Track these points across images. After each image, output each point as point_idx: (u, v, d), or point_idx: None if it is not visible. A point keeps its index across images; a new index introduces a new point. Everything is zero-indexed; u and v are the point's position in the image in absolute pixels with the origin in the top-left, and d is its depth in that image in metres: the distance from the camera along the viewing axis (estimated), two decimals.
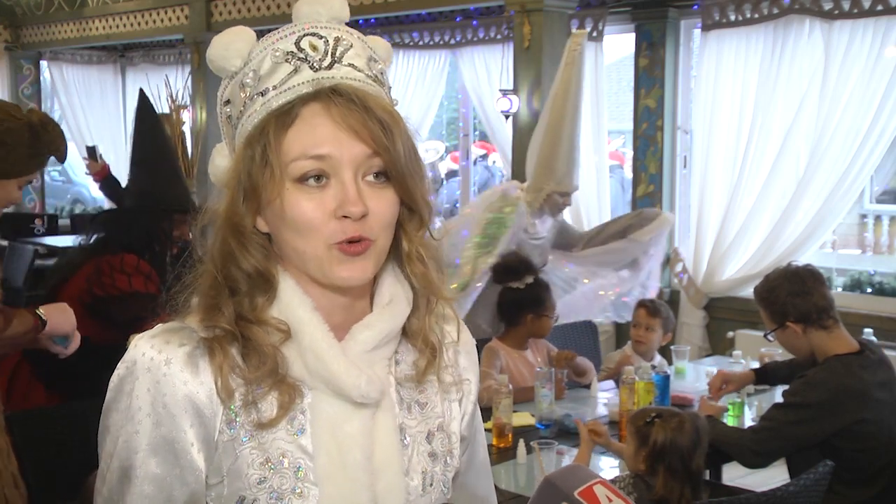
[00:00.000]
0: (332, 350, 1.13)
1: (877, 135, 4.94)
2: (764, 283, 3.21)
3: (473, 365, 1.32)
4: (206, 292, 1.15)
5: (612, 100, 9.16)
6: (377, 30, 7.19)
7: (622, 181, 8.63)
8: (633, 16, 5.99)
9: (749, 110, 5.38)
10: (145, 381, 1.11)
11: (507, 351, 3.85)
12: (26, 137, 2.53)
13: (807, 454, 2.98)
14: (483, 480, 1.38)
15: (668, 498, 2.56)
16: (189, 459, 1.12)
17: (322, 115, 1.10)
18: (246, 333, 1.13)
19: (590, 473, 1.22)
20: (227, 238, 1.14)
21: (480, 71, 6.74)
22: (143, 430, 1.11)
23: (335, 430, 1.14)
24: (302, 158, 1.10)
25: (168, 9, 8.28)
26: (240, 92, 1.15)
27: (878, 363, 3.09)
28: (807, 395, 3.01)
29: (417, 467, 1.20)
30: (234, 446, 1.12)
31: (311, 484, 1.13)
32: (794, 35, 5.17)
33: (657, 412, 2.70)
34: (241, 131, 1.15)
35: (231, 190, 1.14)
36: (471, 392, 1.30)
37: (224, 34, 1.17)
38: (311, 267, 1.13)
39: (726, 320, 5.54)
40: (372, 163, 1.12)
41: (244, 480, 1.12)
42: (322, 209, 1.10)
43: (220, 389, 1.11)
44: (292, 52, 1.13)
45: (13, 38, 9.88)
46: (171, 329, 1.14)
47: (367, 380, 1.13)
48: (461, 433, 1.28)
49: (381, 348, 1.18)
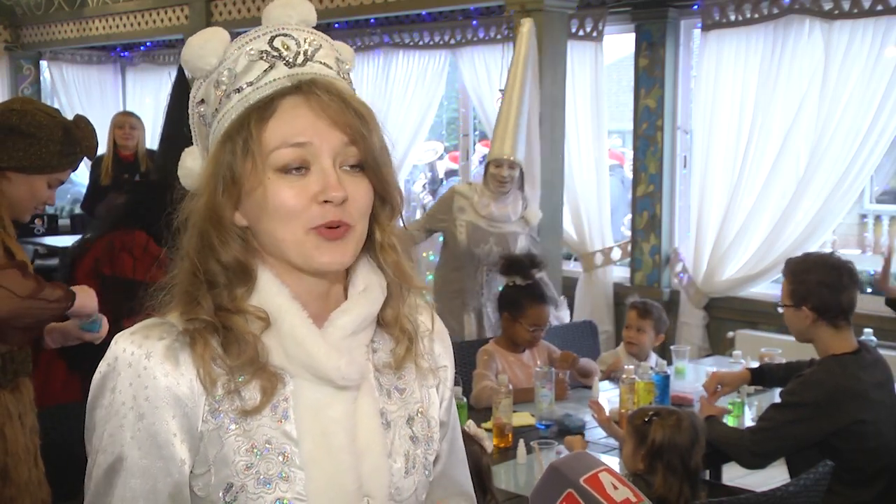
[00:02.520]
0: (311, 335, 1.16)
1: (877, 135, 4.94)
2: (801, 260, 3.16)
3: (448, 352, 1.36)
4: (184, 288, 1.18)
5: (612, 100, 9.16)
6: (377, 30, 7.19)
7: (622, 181, 8.63)
8: (633, 16, 5.98)
9: (749, 110, 5.38)
10: (127, 376, 1.14)
11: (502, 353, 3.83)
12: (59, 134, 2.56)
13: (806, 454, 2.98)
14: (461, 467, 1.42)
15: (667, 496, 2.56)
16: (172, 451, 1.15)
17: (302, 106, 1.15)
18: (226, 323, 1.16)
19: (595, 461, 1.23)
20: (206, 231, 1.17)
21: (480, 71, 6.74)
22: (126, 423, 1.14)
23: (318, 414, 1.17)
24: (283, 147, 1.15)
25: (168, 9, 8.27)
26: (214, 90, 1.19)
27: (875, 364, 3.09)
28: (804, 395, 3.02)
29: (400, 450, 1.24)
30: (219, 434, 1.15)
31: (297, 468, 1.16)
32: (794, 35, 5.17)
33: (655, 411, 2.71)
34: (216, 128, 1.19)
35: (210, 184, 1.17)
36: (447, 378, 1.34)
37: (198, 35, 1.21)
38: (292, 254, 1.16)
39: (726, 320, 5.54)
40: (349, 152, 1.16)
41: (231, 467, 1.14)
42: (304, 195, 1.14)
43: (203, 378, 1.14)
44: (266, 51, 1.17)
45: (13, 38, 9.87)
46: (151, 324, 1.18)
47: (346, 362, 1.17)
48: (440, 419, 1.32)
49: (358, 334, 1.21)
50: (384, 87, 7.25)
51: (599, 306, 6.17)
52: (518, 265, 3.93)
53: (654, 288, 5.95)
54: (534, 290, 3.85)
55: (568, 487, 1.17)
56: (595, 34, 6.10)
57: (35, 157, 2.53)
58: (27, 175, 2.54)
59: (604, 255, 6.24)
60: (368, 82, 7.36)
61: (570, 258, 6.51)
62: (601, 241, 6.25)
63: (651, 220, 6.03)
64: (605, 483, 1.21)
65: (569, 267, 6.42)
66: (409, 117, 7.08)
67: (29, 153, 2.52)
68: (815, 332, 3.09)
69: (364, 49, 7.34)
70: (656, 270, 6.02)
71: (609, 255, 6.25)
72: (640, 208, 6.08)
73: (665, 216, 5.99)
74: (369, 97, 5.50)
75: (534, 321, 3.78)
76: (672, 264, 5.91)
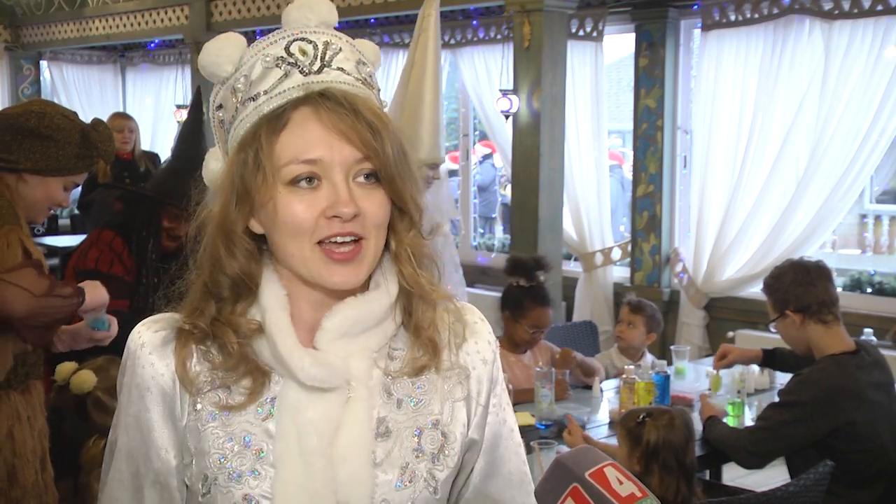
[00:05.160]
0: (281, 333, 1.16)
1: (877, 135, 4.93)
2: (772, 272, 3.24)
3: (488, 370, 1.28)
4: (194, 294, 1.21)
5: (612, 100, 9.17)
6: (377, 30, 7.19)
7: (622, 181, 8.64)
8: (633, 16, 5.98)
9: (749, 110, 5.38)
10: (129, 362, 1.21)
11: (502, 354, 3.79)
12: (76, 137, 2.56)
13: (805, 454, 2.98)
14: (514, 491, 1.32)
15: (664, 496, 2.56)
16: (153, 437, 1.18)
17: (312, 120, 1.13)
18: (216, 332, 1.18)
19: (601, 455, 1.23)
20: (216, 241, 1.18)
21: (480, 71, 6.74)
22: (122, 408, 1.21)
23: (296, 415, 1.16)
24: (294, 163, 1.13)
25: (168, 9, 8.28)
26: (231, 97, 1.18)
27: (873, 364, 3.09)
28: (801, 394, 3.02)
29: (396, 461, 1.19)
30: (198, 427, 1.17)
31: (270, 466, 1.16)
32: (794, 35, 5.17)
33: (647, 412, 2.71)
34: (233, 135, 1.18)
35: (224, 194, 1.17)
36: (480, 394, 1.27)
37: (215, 40, 1.20)
38: (302, 269, 1.16)
39: (726, 320, 5.53)
40: (362, 165, 1.14)
41: (207, 459, 1.16)
42: (313, 210, 1.13)
43: (181, 377, 1.18)
44: (282, 58, 1.16)
45: (13, 38, 9.88)
46: (161, 316, 1.22)
47: (311, 362, 1.15)
48: (470, 436, 1.26)
49: (356, 337, 1.19)
50: (384, 88, 7.18)
51: (599, 306, 6.17)
52: (523, 266, 3.92)
53: (654, 288, 5.95)
54: (537, 292, 3.83)
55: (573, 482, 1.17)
56: (595, 34, 6.11)
57: (52, 160, 2.53)
58: (44, 177, 2.55)
59: (604, 256, 6.24)
60: None
61: (570, 258, 6.51)
62: (601, 242, 6.25)
63: (651, 220, 6.03)
64: (610, 478, 1.21)
65: (569, 267, 6.42)
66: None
67: (46, 155, 2.52)
68: (807, 334, 3.10)
69: None
70: (656, 270, 6.02)
71: (609, 256, 6.26)
72: (640, 208, 6.08)
73: (665, 216, 5.99)
74: None
75: (535, 323, 3.78)
76: (672, 264, 5.91)
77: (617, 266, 6.31)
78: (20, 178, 2.53)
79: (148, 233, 3.30)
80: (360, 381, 1.18)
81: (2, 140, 2.49)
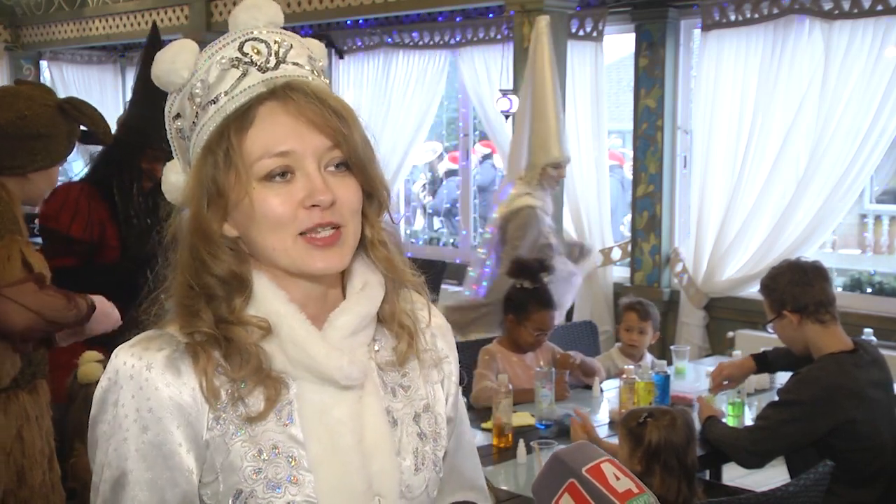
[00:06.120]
0: (311, 337, 1.16)
1: (877, 135, 4.93)
2: (769, 273, 3.26)
3: (451, 347, 1.35)
4: (181, 301, 1.17)
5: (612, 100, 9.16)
6: (377, 30, 7.19)
7: (622, 181, 8.63)
8: (633, 16, 5.98)
9: (749, 110, 5.38)
10: (129, 389, 1.13)
11: (504, 354, 3.83)
12: (60, 120, 2.59)
13: (805, 454, 2.98)
14: (470, 460, 1.41)
15: (666, 496, 2.56)
16: (178, 461, 1.14)
17: (280, 113, 1.14)
18: (227, 335, 1.15)
19: (598, 451, 1.22)
20: (196, 246, 1.16)
21: (480, 71, 6.74)
22: (130, 436, 1.13)
23: (323, 416, 1.17)
24: (266, 157, 1.14)
25: (168, 9, 8.28)
26: (189, 103, 1.18)
27: (872, 362, 3.09)
28: (800, 393, 3.02)
29: (409, 448, 1.23)
30: (224, 441, 1.14)
31: (306, 471, 1.15)
32: (794, 35, 5.17)
33: (648, 412, 2.71)
34: (195, 141, 1.18)
35: (195, 199, 1.16)
36: (451, 373, 1.33)
37: (168, 48, 1.20)
38: (284, 261, 1.16)
39: (726, 320, 5.53)
40: (333, 154, 1.16)
41: (239, 474, 1.14)
42: (290, 202, 1.14)
43: (206, 391, 1.13)
44: (238, 58, 1.16)
45: (13, 38, 9.87)
46: (150, 336, 1.17)
47: (348, 361, 1.16)
48: (447, 414, 1.31)
49: (359, 333, 1.21)
50: (384, 88, 7.25)
51: (599, 306, 6.17)
52: (527, 269, 3.93)
53: (654, 288, 5.96)
54: (541, 295, 3.83)
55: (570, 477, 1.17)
56: (595, 34, 6.11)
57: (54, 153, 2.60)
58: (47, 170, 2.61)
59: (604, 256, 6.24)
60: (368, 82, 7.36)
61: None
62: (601, 242, 6.25)
63: (651, 220, 6.03)
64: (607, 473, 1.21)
65: None
66: (408, 117, 7.08)
67: (47, 151, 2.58)
68: (805, 335, 3.11)
69: (364, 49, 7.35)
70: (656, 270, 6.02)
71: (609, 256, 6.25)
72: (640, 208, 6.08)
73: (665, 216, 5.99)
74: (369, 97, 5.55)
75: (538, 325, 3.78)
76: (672, 264, 5.91)
77: (617, 266, 6.31)
78: (25, 179, 2.55)
79: (131, 177, 3.33)
80: (369, 376, 1.21)
81: (1, 148, 2.50)
